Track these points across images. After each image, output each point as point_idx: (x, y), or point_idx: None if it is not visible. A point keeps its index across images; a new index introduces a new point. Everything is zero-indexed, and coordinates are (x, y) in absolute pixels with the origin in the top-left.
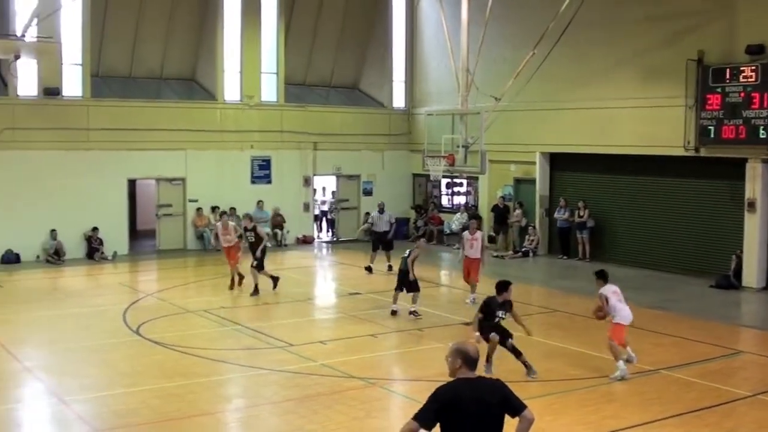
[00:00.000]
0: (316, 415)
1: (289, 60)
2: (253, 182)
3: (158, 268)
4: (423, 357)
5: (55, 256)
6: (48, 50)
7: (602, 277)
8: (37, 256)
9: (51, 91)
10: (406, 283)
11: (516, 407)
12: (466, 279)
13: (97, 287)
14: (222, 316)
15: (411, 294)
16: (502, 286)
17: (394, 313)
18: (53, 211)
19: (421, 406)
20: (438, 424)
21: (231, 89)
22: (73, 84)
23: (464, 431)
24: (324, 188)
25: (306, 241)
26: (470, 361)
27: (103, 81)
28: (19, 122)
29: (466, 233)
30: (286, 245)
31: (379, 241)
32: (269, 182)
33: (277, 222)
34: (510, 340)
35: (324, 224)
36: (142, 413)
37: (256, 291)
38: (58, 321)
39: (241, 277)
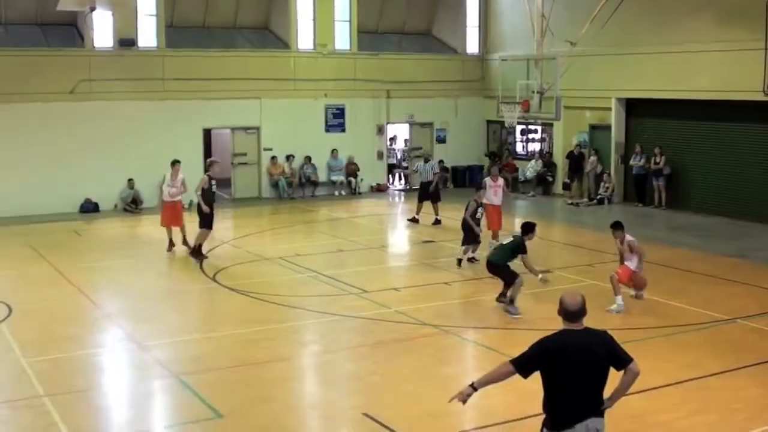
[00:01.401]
0: (389, 361)
1: (362, 7)
2: (327, 131)
3: (234, 216)
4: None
5: (132, 204)
6: (123, 1)
7: (621, 228)
8: (115, 205)
9: (126, 42)
10: (470, 235)
11: (623, 360)
12: (489, 227)
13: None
14: (297, 263)
15: (469, 245)
16: (530, 227)
17: (459, 262)
18: (130, 161)
19: (522, 351)
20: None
21: (304, 38)
22: (147, 35)
23: (569, 383)
24: (395, 137)
25: (380, 189)
26: (567, 313)
27: (177, 31)
28: (95, 73)
29: (488, 179)
30: (360, 193)
31: (425, 192)
32: (343, 131)
33: (351, 170)
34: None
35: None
36: (219, 358)
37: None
38: (136, 268)
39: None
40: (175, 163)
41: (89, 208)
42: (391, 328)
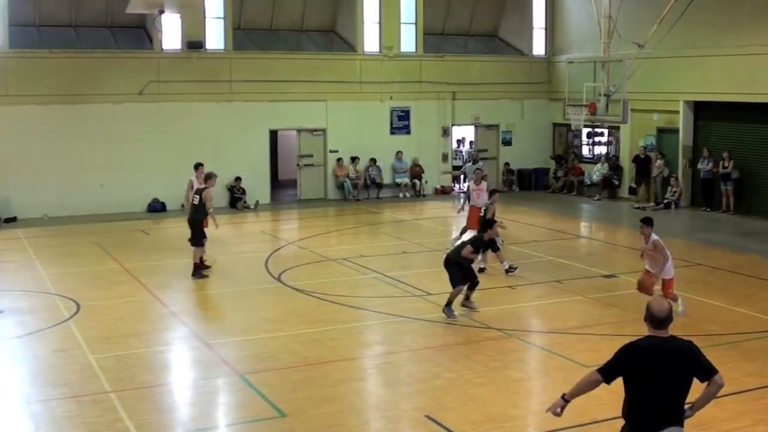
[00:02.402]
0: (453, 364)
1: (428, 9)
2: (392, 133)
3: (299, 217)
4: (561, 309)
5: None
6: (191, 4)
7: (650, 224)
8: (182, 205)
9: (194, 45)
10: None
11: (708, 371)
12: (470, 228)
13: (239, 235)
14: (361, 264)
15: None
16: (488, 224)
17: (481, 270)
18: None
19: (607, 360)
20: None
21: (370, 40)
22: (215, 37)
23: (651, 390)
24: (461, 139)
25: (444, 191)
26: (653, 320)
27: (244, 33)
28: (163, 75)
29: (471, 183)
30: (424, 195)
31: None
32: (408, 133)
33: (416, 172)
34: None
35: (462, 175)
36: (283, 357)
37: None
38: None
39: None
40: (198, 166)
41: (156, 207)
42: (454, 330)
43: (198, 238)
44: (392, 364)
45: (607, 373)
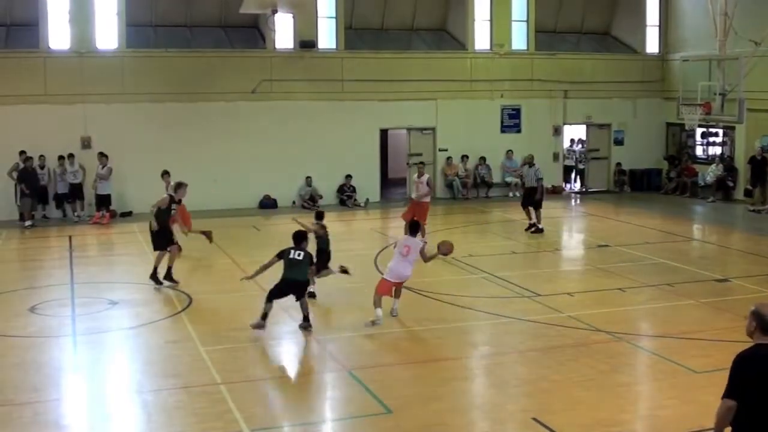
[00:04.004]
0: (561, 366)
1: (539, 7)
2: (502, 131)
3: None
4: (673, 313)
5: (310, 202)
6: (303, 4)
7: None
8: (293, 202)
9: (306, 44)
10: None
11: None
12: (404, 217)
13: (349, 232)
14: (469, 263)
15: None
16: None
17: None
18: (308, 159)
19: (727, 382)
20: None
21: (481, 38)
22: (327, 36)
23: (763, 400)
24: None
25: (555, 191)
26: (765, 327)
27: (355, 33)
28: (276, 74)
29: (415, 176)
30: None
31: (527, 198)
32: (519, 131)
33: None
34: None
35: (573, 174)
36: (390, 354)
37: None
38: None
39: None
40: (164, 174)
41: (268, 204)
42: (563, 332)
43: (162, 242)
44: (499, 364)
45: (734, 394)
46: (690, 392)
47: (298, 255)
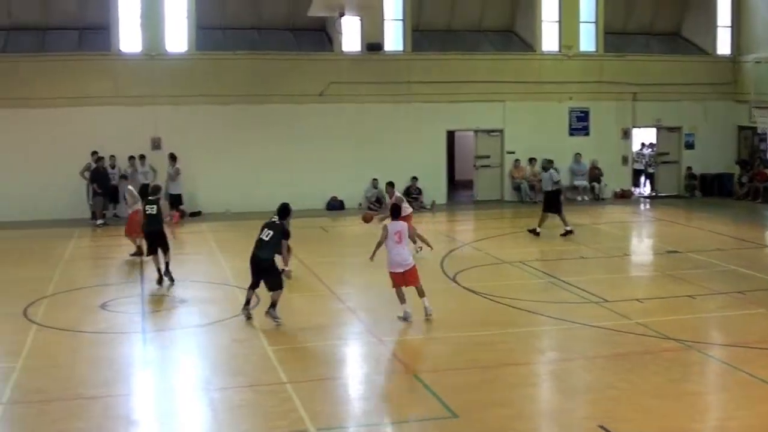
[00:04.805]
0: (628, 374)
1: (608, 7)
2: (570, 134)
3: (475, 218)
4: (744, 322)
5: (376, 203)
6: (371, 6)
7: None
8: (359, 204)
9: (373, 46)
10: None
11: None
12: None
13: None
14: (537, 268)
15: None
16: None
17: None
18: (375, 161)
19: None
20: None
21: (549, 40)
22: (394, 38)
23: None
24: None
25: (624, 195)
26: None
27: (422, 35)
28: (343, 76)
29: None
30: (603, 199)
31: (547, 202)
32: (587, 134)
33: (594, 175)
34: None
35: (642, 178)
36: (456, 358)
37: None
38: (377, 265)
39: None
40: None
41: (335, 205)
42: (631, 339)
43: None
44: (565, 371)
45: None
46: (761, 404)
47: None
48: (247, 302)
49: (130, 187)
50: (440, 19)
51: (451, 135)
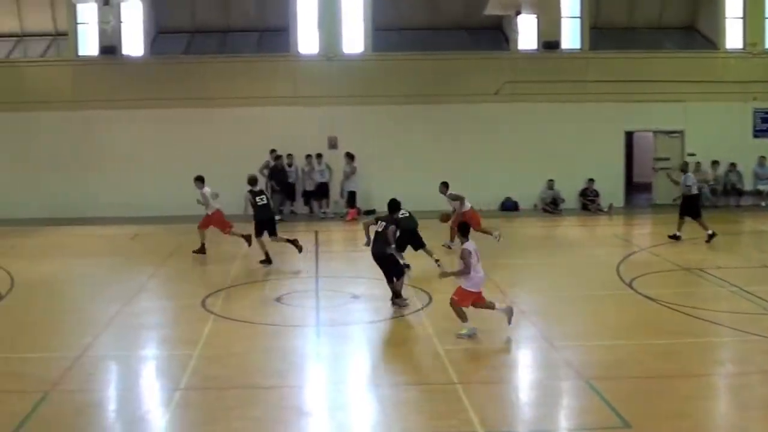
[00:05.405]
0: None
1: None
2: (755, 136)
3: (653, 222)
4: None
5: (551, 205)
6: (547, 4)
7: None
8: (534, 205)
9: (550, 45)
10: None
11: None
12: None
13: (590, 238)
14: (717, 276)
15: None
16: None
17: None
18: (551, 162)
19: None
20: None
21: (733, 37)
22: (571, 36)
23: None
24: None
25: None
26: None
27: (600, 32)
28: (519, 75)
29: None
30: None
31: (682, 207)
32: None
33: None
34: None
35: None
36: (629, 367)
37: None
38: (551, 268)
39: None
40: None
41: (509, 206)
42: None
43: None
44: (743, 385)
45: None
46: None
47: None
48: (395, 295)
49: (206, 189)
50: (619, 16)
51: (629, 136)
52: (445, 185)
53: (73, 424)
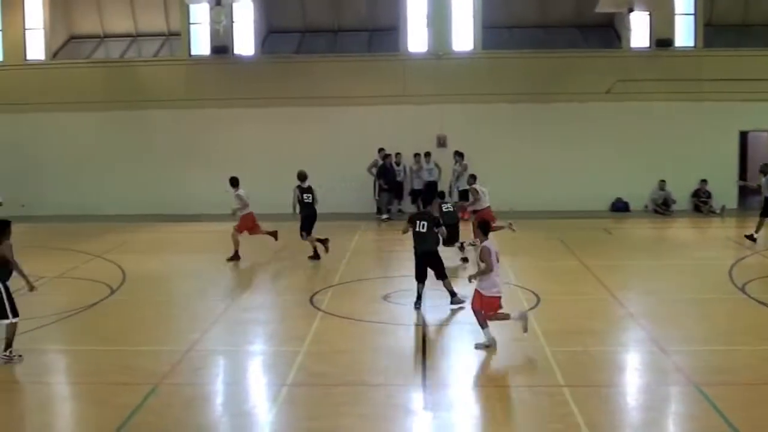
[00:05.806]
0: None
1: None
2: None
3: (767, 225)
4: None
5: (663, 206)
6: (661, 1)
7: None
8: (645, 206)
9: (663, 42)
10: None
11: None
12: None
13: (702, 240)
14: None
15: None
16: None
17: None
18: (662, 162)
19: None
20: None
21: None
22: (684, 34)
23: None
24: None
25: None
26: None
27: (715, 30)
28: (631, 74)
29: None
30: None
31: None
32: None
33: None
34: None
35: None
36: (741, 372)
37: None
38: (662, 270)
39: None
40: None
41: (620, 207)
42: None
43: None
44: None
45: None
46: None
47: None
48: (453, 293)
49: (240, 191)
50: (734, 13)
51: (743, 136)
52: (473, 177)
53: (180, 416)
